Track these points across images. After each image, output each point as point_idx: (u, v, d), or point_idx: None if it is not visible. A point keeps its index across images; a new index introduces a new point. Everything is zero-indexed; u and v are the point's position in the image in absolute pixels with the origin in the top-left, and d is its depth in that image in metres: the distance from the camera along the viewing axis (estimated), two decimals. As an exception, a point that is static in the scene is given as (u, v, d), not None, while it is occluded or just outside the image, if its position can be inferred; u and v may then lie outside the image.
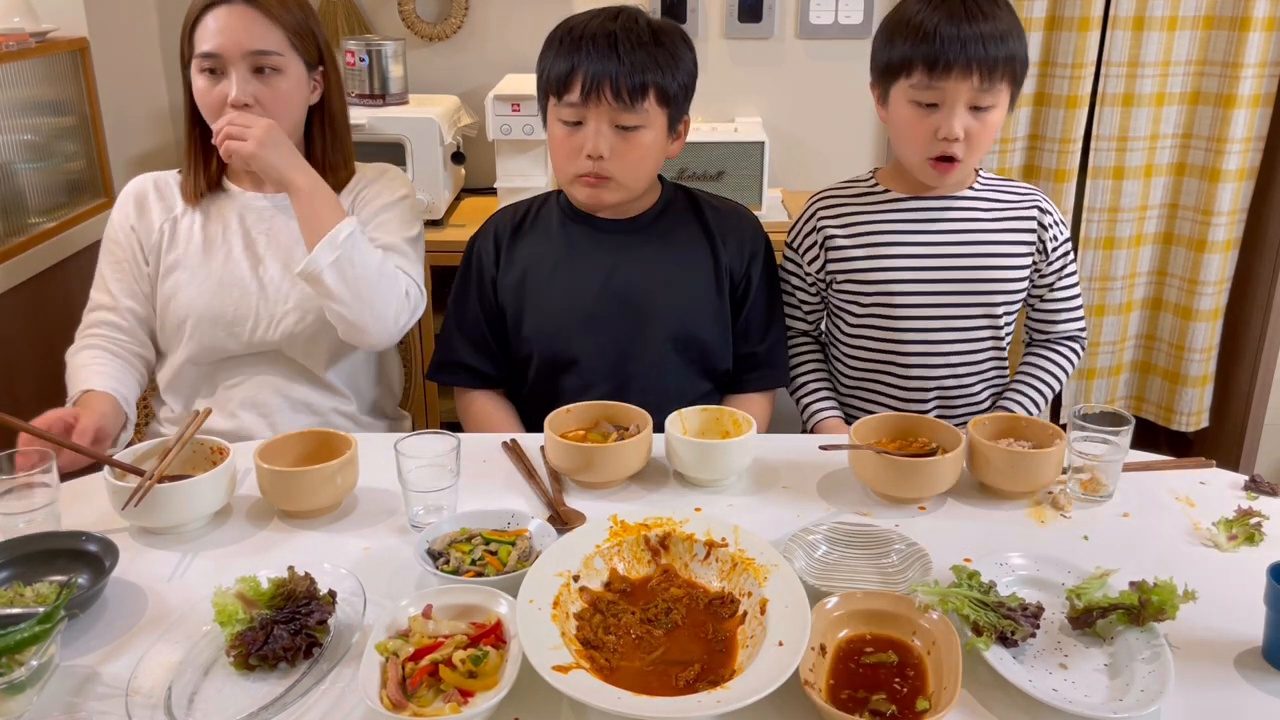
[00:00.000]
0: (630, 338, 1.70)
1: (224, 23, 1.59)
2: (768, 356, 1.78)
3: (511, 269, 1.74)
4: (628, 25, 1.60)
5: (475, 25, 2.70)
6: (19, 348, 2.06)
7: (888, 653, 1.03)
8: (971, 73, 1.55)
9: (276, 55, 1.62)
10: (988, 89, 1.56)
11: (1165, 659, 1.00)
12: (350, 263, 1.56)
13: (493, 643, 1.01)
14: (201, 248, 1.69)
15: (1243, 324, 2.81)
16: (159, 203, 1.73)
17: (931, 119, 1.60)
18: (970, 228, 1.71)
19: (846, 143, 2.75)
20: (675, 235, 1.74)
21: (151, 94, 2.65)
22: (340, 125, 1.77)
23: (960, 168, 1.64)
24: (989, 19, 1.56)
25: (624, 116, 1.59)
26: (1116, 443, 1.34)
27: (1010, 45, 1.57)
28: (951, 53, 1.54)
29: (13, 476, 1.22)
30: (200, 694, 1.00)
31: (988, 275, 1.71)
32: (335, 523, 1.31)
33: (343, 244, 1.56)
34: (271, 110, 1.62)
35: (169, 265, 1.70)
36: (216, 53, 1.59)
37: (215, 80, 1.62)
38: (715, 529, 1.15)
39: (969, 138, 1.60)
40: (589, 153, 1.60)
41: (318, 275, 1.55)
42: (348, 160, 1.78)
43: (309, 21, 1.68)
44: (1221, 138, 2.60)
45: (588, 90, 1.57)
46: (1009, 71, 1.57)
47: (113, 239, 1.72)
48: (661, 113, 1.63)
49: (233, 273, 1.68)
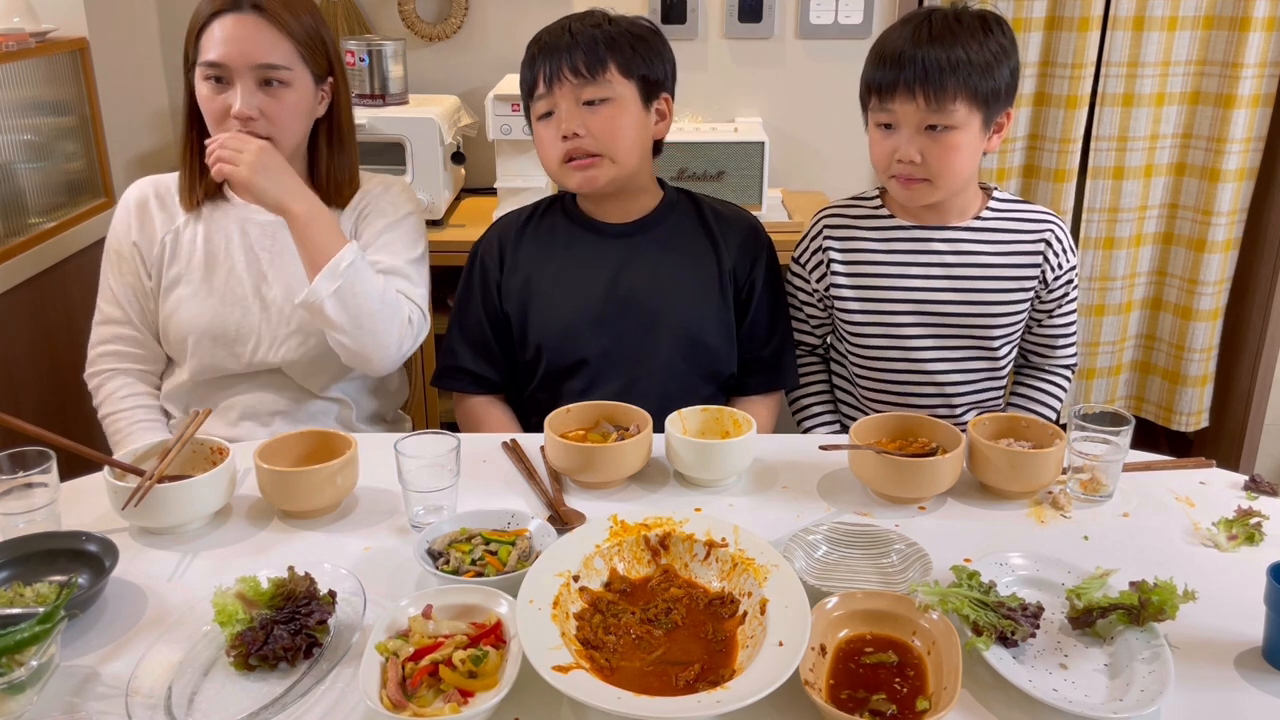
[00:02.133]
0: (635, 341, 1.70)
1: (231, 32, 1.55)
2: (772, 360, 1.77)
3: (516, 273, 1.74)
4: (585, 18, 1.66)
5: (475, 25, 2.70)
6: (19, 348, 2.06)
7: (888, 653, 1.03)
8: (914, 95, 1.54)
9: (285, 69, 1.57)
10: (937, 110, 1.54)
11: (1165, 659, 1.00)
12: (352, 292, 1.53)
13: (493, 643, 1.01)
14: (203, 263, 1.66)
15: (1243, 324, 2.81)
16: (160, 212, 1.69)
17: (889, 140, 1.61)
18: (971, 261, 1.68)
19: (846, 143, 2.75)
20: (679, 238, 1.74)
21: (151, 94, 2.65)
22: (347, 139, 1.72)
23: (929, 188, 1.61)
24: (941, 40, 1.53)
25: (587, 90, 1.61)
26: (1116, 443, 1.34)
27: (961, 61, 1.53)
28: (894, 76, 1.55)
29: (13, 476, 1.22)
30: (200, 694, 1.00)
31: (985, 310, 1.69)
32: (335, 523, 1.31)
33: (344, 273, 1.52)
34: (277, 124, 1.58)
35: (171, 280, 1.67)
36: (222, 63, 1.55)
37: (220, 89, 1.57)
38: (715, 529, 1.15)
39: (928, 159, 1.58)
40: (563, 133, 1.62)
41: (319, 306, 1.53)
42: (352, 176, 1.73)
43: (320, 31, 1.64)
44: (1221, 138, 2.60)
45: (550, 77, 1.62)
46: (963, 90, 1.53)
47: (116, 250, 1.69)
48: (628, 85, 1.63)
49: (234, 290, 1.66)
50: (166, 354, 1.74)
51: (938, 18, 1.57)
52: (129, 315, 1.69)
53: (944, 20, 1.56)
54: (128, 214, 1.69)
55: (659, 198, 1.76)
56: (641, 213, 1.74)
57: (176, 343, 1.68)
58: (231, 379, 1.70)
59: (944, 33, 1.55)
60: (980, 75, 1.54)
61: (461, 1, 2.66)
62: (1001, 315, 1.70)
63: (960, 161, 1.59)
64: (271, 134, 1.59)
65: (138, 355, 1.71)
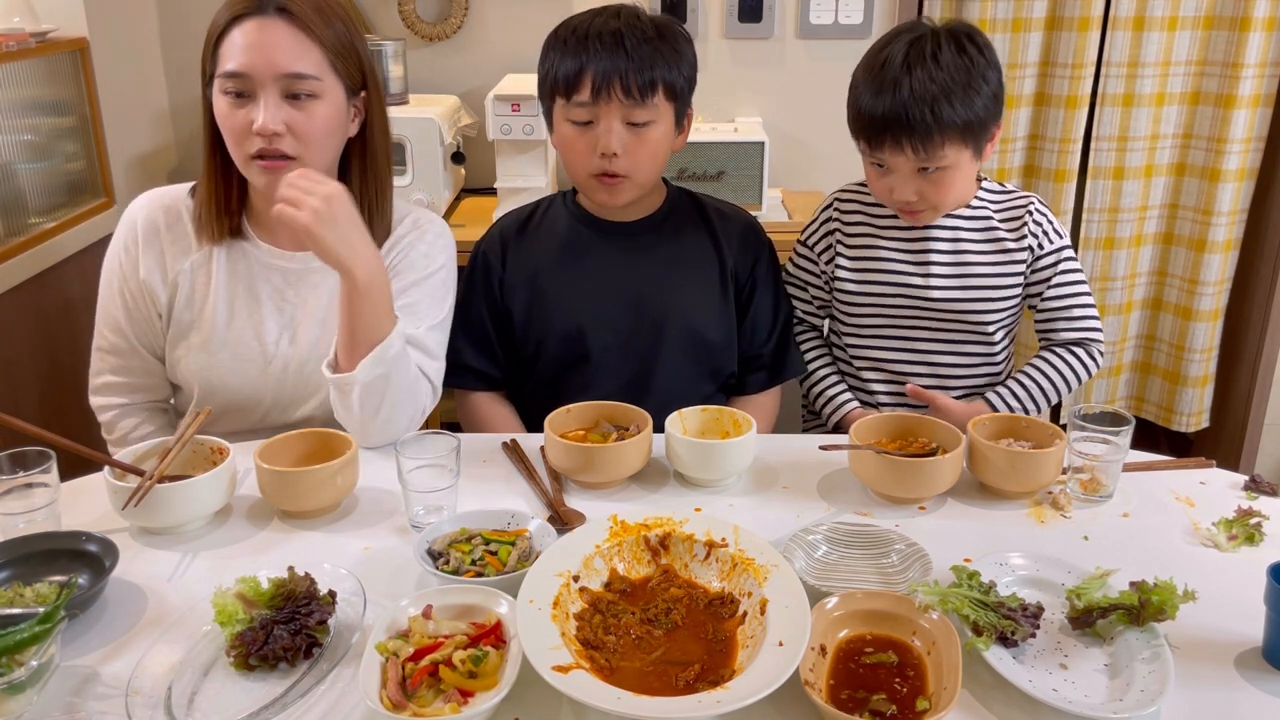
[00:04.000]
0: (638, 339, 1.71)
1: (254, 38, 1.39)
2: (773, 358, 1.78)
3: (519, 270, 1.74)
4: (631, 22, 1.60)
5: (475, 25, 2.70)
6: (19, 348, 2.06)
7: (888, 653, 1.03)
8: (903, 148, 1.56)
9: (314, 79, 1.42)
10: (927, 157, 1.57)
11: (1165, 659, 1.00)
12: (387, 383, 1.41)
13: (493, 643, 1.01)
14: (217, 312, 1.53)
15: (1243, 324, 2.81)
16: (172, 246, 1.54)
17: (885, 180, 1.64)
18: (966, 248, 1.71)
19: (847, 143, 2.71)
20: (681, 238, 1.75)
21: (151, 94, 2.65)
22: (381, 165, 1.55)
23: (932, 213, 1.67)
24: (925, 93, 1.52)
25: (635, 113, 1.59)
26: (1116, 443, 1.34)
27: (949, 117, 1.53)
28: (880, 130, 1.57)
29: (13, 476, 1.22)
30: (200, 694, 1.00)
31: (979, 295, 1.71)
32: (335, 523, 1.31)
33: (389, 361, 1.40)
34: (305, 141, 1.43)
35: (182, 326, 1.54)
36: (243, 72, 1.39)
37: (241, 103, 1.41)
38: (715, 529, 1.15)
39: (926, 195, 1.62)
40: (603, 150, 1.60)
41: (349, 387, 1.40)
42: (384, 207, 1.56)
43: (353, 38, 1.47)
44: (1221, 138, 2.60)
45: (598, 88, 1.57)
46: (952, 139, 1.55)
47: (121, 278, 1.55)
48: (670, 107, 1.64)
49: (248, 346, 1.53)
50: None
51: (916, 60, 1.55)
52: (134, 345, 1.57)
53: (925, 69, 1.54)
54: (134, 242, 1.55)
55: (663, 197, 1.77)
56: (646, 212, 1.75)
57: (184, 385, 1.59)
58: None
59: (925, 82, 1.53)
60: (964, 122, 1.55)
61: (461, 1, 2.66)
62: (994, 300, 1.71)
63: (958, 190, 1.65)
64: (299, 153, 1.44)
65: (146, 385, 1.60)
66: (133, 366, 1.59)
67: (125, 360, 1.59)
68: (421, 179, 2.39)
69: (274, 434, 1.43)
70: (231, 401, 1.55)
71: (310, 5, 1.44)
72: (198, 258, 1.55)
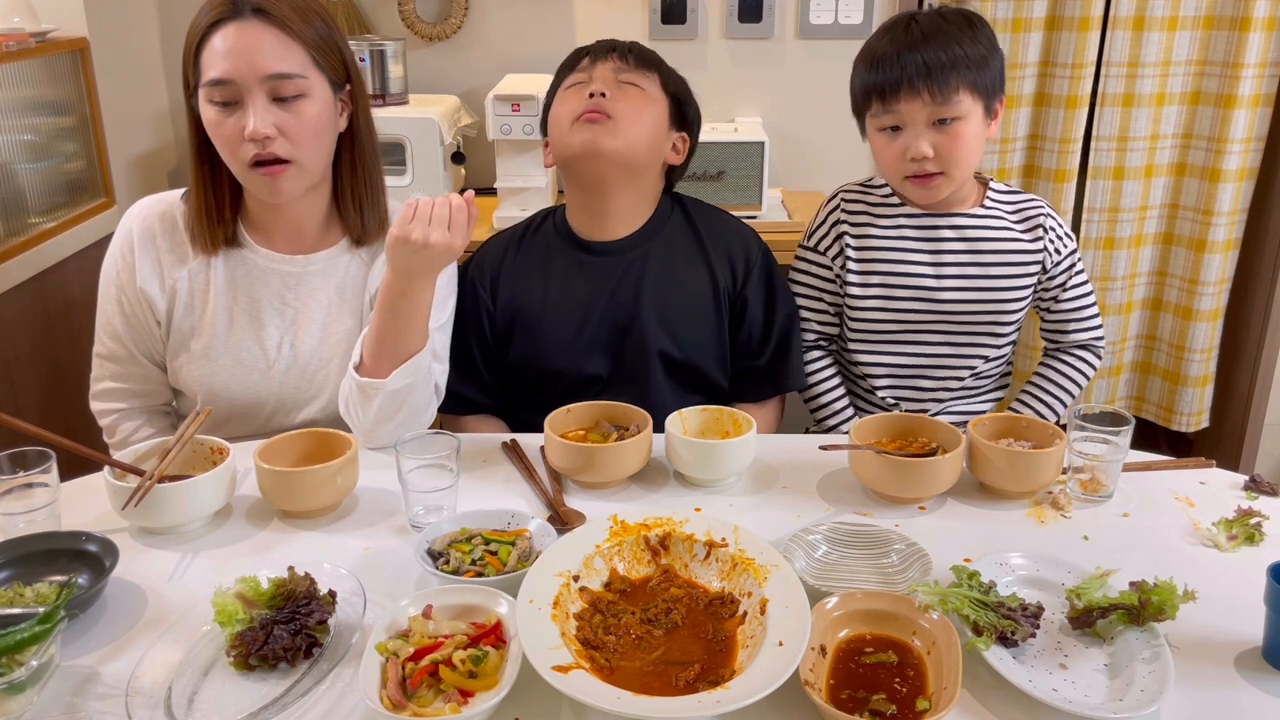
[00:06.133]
0: (625, 364, 1.69)
1: (234, 43, 1.38)
2: (769, 370, 1.75)
3: (506, 292, 1.72)
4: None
5: (475, 25, 2.70)
6: (19, 348, 2.06)
7: (888, 653, 1.03)
8: (919, 92, 1.58)
9: (299, 78, 1.41)
10: (943, 103, 1.58)
11: (1165, 659, 1.00)
12: (411, 391, 1.43)
13: (493, 643, 1.01)
14: (217, 319, 1.53)
15: (1243, 324, 2.81)
16: (169, 253, 1.54)
17: (898, 141, 1.64)
18: (977, 249, 1.71)
19: (846, 143, 2.74)
20: (670, 255, 1.72)
21: (151, 94, 2.65)
22: (370, 158, 1.55)
23: (945, 181, 1.65)
24: (935, 37, 1.59)
25: (627, 74, 1.64)
26: (1116, 443, 1.34)
27: (960, 56, 1.58)
28: (895, 77, 1.59)
29: (13, 476, 1.22)
30: (200, 694, 1.00)
31: (992, 296, 1.72)
32: (335, 523, 1.31)
33: (418, 373, 1.43)
34: (297, 142, 1.42)
35: (182, 334, 1.54)
36: (228, 79, 1.38)
37: (229, 112, 1.40)
38: (715, 529, 1.15)
39: (941, 153, 1.61)
40: (592, 90, 1.61)
41: (374, 393, 1.41)
42: (377, 200, 1.56)
43: (333, 34, 1.47)
44: (1222, 138, 2.60)
45: (598, 53, 1.66)
46: (965, 82, 1.59)
47: (118, 284, 1.55)
48: (662, 96, 1.66)
49: (250, 351, 1.54)
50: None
51: (923, 18, 1.62)
52: (133, 352, 1.57)
53: (930, 20, 1.62)
54: (131, 250, 1.54)
55: (651, 210, 1.74)
56: (634, 227, 1.72)
57: (186, 391, 1.59)
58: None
59: (935, 31, 1.60)
60: (978, 67, 1.60)
61: (461, 1, 2.66)
62: (1007, 301, 1.72)
63: (970, 150, 1.64)
64: (293, 155, 1.43)
65: (146, 390, 1.60)
66: (132, 373, 1.59)
67: (125, 367, 1.59)
68: (421, 179, 2.39)
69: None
70: (234, 407, 1.55)
71: (286, 3, 1.43)
72: (195, 265, 1.54)
